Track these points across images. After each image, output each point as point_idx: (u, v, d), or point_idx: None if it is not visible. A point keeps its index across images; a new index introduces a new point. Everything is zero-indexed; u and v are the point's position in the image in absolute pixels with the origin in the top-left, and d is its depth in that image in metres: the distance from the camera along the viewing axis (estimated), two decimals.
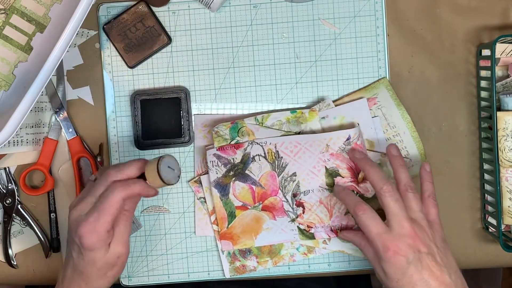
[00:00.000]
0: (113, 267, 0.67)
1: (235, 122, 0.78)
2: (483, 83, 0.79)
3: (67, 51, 0.68)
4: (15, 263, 0.81)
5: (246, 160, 0.78)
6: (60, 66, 0.79)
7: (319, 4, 0.79)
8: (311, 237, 0.78)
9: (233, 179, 0.78)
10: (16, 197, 0.80)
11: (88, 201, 0.66)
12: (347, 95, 0.80)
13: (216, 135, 0.78)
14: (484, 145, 0.80)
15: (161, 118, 0.79)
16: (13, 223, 0.81)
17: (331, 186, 0.78)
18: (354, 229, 0.77)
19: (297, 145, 0.78)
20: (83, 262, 0.65)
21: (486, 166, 0.80)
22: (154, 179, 0.66)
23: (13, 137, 0.74)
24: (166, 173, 0.66)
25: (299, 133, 0.78)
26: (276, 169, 0.78)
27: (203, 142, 0.80)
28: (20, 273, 0.82)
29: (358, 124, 0.78)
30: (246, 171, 0.78)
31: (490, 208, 0.80)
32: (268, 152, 0.78)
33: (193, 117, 0.80)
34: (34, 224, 0.80)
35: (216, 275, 0.81)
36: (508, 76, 0.79)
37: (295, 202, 0.78)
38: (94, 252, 0.64)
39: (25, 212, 0.80)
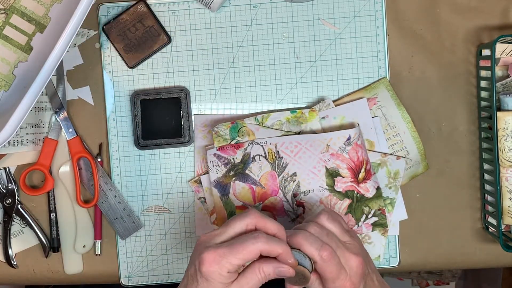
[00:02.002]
0: None
1: (235, 122, 0.78)
2: (483, 83, 0.79)
3: (67, 51, 0.68)
4: (15, 263, 0.81)
5: (246, 160, 0.78)
6: (60, 66, 0.79)
7: (319, 4, 0.79)
8: None
9: (233, 179, 0.78)
10: (16, 197, 0.80)
11: (225, 231, 0.62)
12: (347, 95, 0.80)
13: (216, 135, 0.78)
14: (484, 145, 0.80)
15: (161, 118, 0.79)
16: (13, 223, 0.81)
17: (331, 186, 0.78)
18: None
19: (297, 145, 0.78)
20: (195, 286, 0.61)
21: (486, 166, 0.80)
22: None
23: (13, 137, 0.74)
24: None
25: (299, 133, 0.78)
26: (277, 169, 0.78)
27: (203, 142, 0.80)
28: (20, 273, 0.82)
29: (358, 124, 0.78)
30: (246, 171, 0.78)
31: (490, 208, 0.80)
32: (268, 152, 0.78)
33: (193, 117, 0.80)
34: (34, 224, 0.80)
35: None
36: (508, 76, 0.79)
37: (295, 202, 0.78)
38: (209, 282, 0.60)
39: (25, 212, 0.80)
